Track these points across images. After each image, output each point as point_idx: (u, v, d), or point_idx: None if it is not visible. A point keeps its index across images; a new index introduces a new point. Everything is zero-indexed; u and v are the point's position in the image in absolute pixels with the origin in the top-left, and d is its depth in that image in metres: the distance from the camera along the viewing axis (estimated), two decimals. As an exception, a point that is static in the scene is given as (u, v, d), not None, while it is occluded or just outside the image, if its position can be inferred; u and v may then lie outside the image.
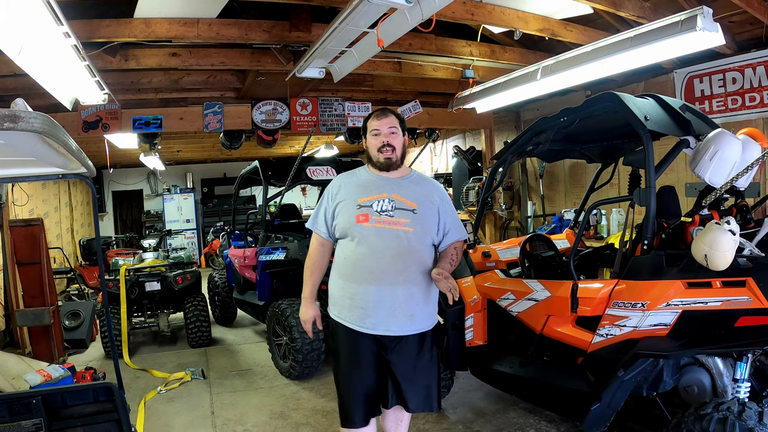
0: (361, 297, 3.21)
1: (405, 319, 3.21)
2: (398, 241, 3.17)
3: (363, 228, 3.20)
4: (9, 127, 1.64)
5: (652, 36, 4.74)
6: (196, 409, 5.33)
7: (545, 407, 4.31)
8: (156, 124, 8.03)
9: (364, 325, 3.21)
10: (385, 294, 3.18)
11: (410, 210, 3.22)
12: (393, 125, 3.29)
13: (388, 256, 3.17)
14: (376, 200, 3.24)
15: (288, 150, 15.56)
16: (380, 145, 3.26)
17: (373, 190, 3.27)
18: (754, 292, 2.97)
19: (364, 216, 3.21)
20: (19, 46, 3.93)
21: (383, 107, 3.45)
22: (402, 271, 3.18)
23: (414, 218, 3.21)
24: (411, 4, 4.15)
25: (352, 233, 3.23)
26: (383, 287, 3.18)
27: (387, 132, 3.27)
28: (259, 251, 6.99)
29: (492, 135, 10.41)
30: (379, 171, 3.34)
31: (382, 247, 3.17)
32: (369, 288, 3.19)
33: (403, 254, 3.18)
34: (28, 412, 2.90)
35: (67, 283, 12.11)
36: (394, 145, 3.27)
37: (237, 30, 5.66)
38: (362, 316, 3.21)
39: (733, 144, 3.66)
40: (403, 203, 3.23)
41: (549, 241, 4.95)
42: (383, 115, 3.31)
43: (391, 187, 3.28)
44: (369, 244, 3.19)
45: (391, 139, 3.26)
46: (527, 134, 4.27)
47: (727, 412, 2.82)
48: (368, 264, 3.19)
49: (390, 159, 3.27)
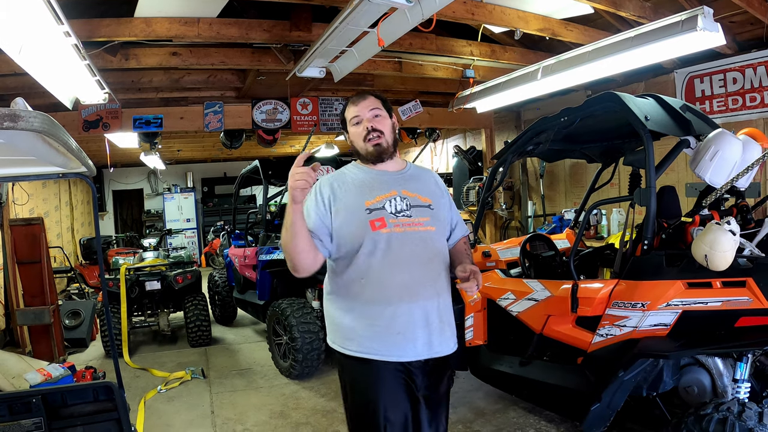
0: (399, 319, 2.56)
1: (449, 333, 2.73)
2: (424, 245, 2.65)
3: (382, 235, 2.58)
4: (9, 126, 1.64)
5: (653, 36, 4.73)
6: (196, 408, 5.33)
7: (545, 407, 4.31)
8: (156, 124, 8.03)
9: (405, 354, 2.58)
10: (427, 309, 2.62)
11: (426, 206, 2.71)
12: (375, 107, 2.73)
13: (419, 264, 2.62)
14: (386, 200, 2.65)
15: (288, 149, 15.56)
16: (365, 133, 2.70)
17: (379, 189, 2.68)
18: (754, 292, 2.97)
19: (380, 221, 2.60)
20: (19, 45, 3.92)
21: (360, 92, 2.85)
22: (437, 279, 2.69)
23: (432, 215, 2.71)
24: (411, 4, 4.14)
25: (367, 245, 2.58)
26: (422, 303, 2.61)
27: (370, 116, 2.71)
28: (259, 251, 7.00)
29: (492, 135, 10.41)
30: (373, 165, 2.76)
31: (409, 254, 2.61)
32: (406, 307, 2.57)
33: (433, 259, 2.68)
34: (28, 411, 2.90)
35: (67, 282, 12.11)
36: (381, 129, 2.71)
37: (237, 29, 5.66)
38: (400, 341, 2.56)
39: (733, 144, 3.66)
40: (416, 199, 2.70)
41: (549, 241, 4.95)
42: (361, 99, 2.76)
43: (398, 183, 2.73)
44: (394, 254, 2.58)
45: (376, 123, 2.70)
46: (528, 134, 4.27)
47: (727, 413, 2.82)
48: (399, 278, 2.58)
49: (380, 146, 2.70)
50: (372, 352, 2.57)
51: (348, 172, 2.82)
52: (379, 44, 4.89)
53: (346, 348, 2.65)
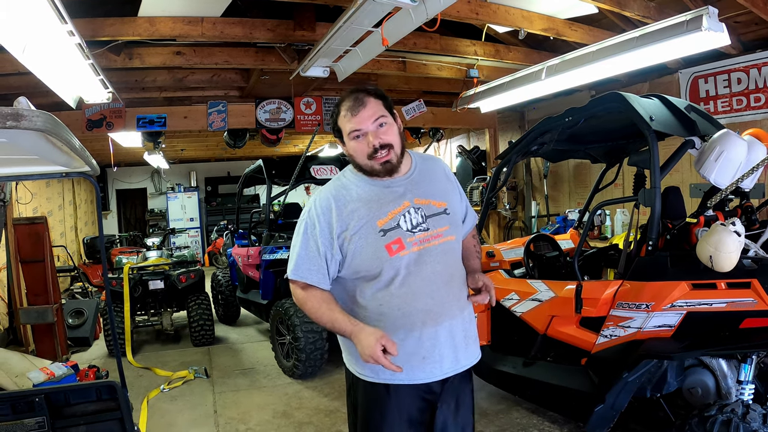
0: (424, 344, 2.35)
1: (474, 344, 2.52)
2: (445, 259, 2.39)
3: (401, 260, 2.30)
4: (12, 126, 1.64)
5: (657, 36, 4.72)
6: (198, 407, 5.33)
7: (549, 408, 4.30)
8: (160, 123, 8.04)
9: (432, 375, 2.37)
10: (452, 330, 2.40)
11: (442, 212, 2.42)
12: (378, 114, 2.32)
13: (440, 284, 2.38)
14: (400, 215, 2.33)
15: (292, 149, 15.55)
16: (371, 152, 2.30)
17: (390, 203, 2.35)
18: (759, 293, 2.96)
19: (397, 242, 2.29)
20: (23, 45, 3.93)
21: (354, 93, 2.40)
22: (460, 295, 2.47)
23: (450, 221, 2.43)
24: (416, 4, 4.13)
25: (386, 272, 2.31)
26: (447, 322, 2.39)
27: (373, 129, 2.30)
28: (262, 250, 6.99)
29: (496, 135, 10.40)
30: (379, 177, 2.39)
31: (430, 274, 2.34)
32: (431, 330, 2.35)
33: (455, 274, 2.45)
34: (31, 410, 2.90)
35: (70, 282, 12.15)
36: (389, 143, 2.31)
37: (241, 29, 5.66)
38: (426, 365, 2.36)
39: (738, 145, 3.65)
40: (431, 206, 2.40)
41: (553, 242, 4.93)
42: (359, 106, 2.32)
43: (408, 191, 2.40)
44: (414, 278, 2.32)
45: (383, 136, 2.30)
46: (532, 134, 4.26)
47: (731, 414, 2.81)
48: (422, 303, 2.34)
49: (390, 162, 2.32)
50: (395, 378, 2.33)
51: (351, 185, 2.44)
52: (383, 44, 4.88)
53: (364, 374, 2.40)
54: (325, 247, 2.32)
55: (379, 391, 2.37)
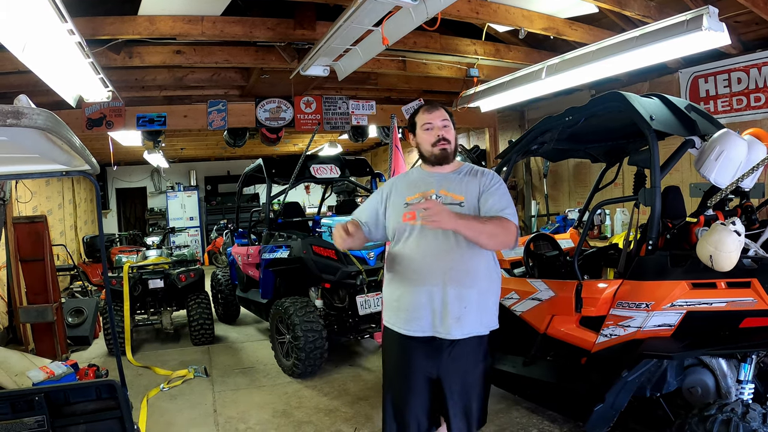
0: (407, 299, 3.05)
1: (452, 321, 2.97)
2: (445, 239, 2.98)
3: (409, 227, 3.06)
4: (12, 124, 1.64)
5: (658, 35, 4.72)
6: (198, 406, 5.33)
7: (548, 407, 4.30)
8: (160, 122, 8.04)
9: (411, 328, 3.04)
10: (432, 295, 2.98)
11: (457, 204, 3.01)
12: (445, 118, 3.17)
13: (430, 255, 3.00)
14: (423, 197, 3.07)
15: (292, 148, 15.57)
16: (435, 140, 3.11)
17: (421, 187, 3.13)
18: (758, 293, 2.96)
19: (411, 214, 3.03)
20: (23, 43, 3.93)
21: (430, 102, 3.36)
22: (444, 271, 2.97)
23: (462, 212, 2.96)
24: (416, 3, 4.14)
25: (400, 233, 3.10)
26: (429, 287, 2.99)
27: (440, 125, 3.14)
28: (262, 249, 6.99)
29: (496, 134, 10.40)
30: (431, 167, 3.18)
31: (428, 245, 3.00)
32: (414, 289, 3.03)
33: (450, 252, 2.98)
34: (30, 409, 2.90)
35: (70, 280, 12.16)
36: (449, 138, 3.13)
37: (241, 28, 5.66)
38: (408, 319, 3.05)
39: (738, 144, 3.65)
40: (450, 198, 3.04)
41: (553, 241, 4.93)
42: (434, 109, 3.19)
43: (440, 183, 3.11)
44: (416, 244, 3.04)
45: (445, 132, 3.13)
46: (532, 133, 4.26)
47: (730, 414, 2.81)
48: (414, 265, 3.04)
49: (446, 150, 3.11)
50: (390, 322, 3.16)
51: (410, 172, 3.39)
52: (383, 43, 4.89)
53: (384, 316, 3.24)
54: (378, 204, 3.25)
55: (389, 332, 3.18)
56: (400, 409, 3.14)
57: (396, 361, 3.18)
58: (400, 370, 3.14)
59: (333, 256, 6.15)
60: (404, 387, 3.11)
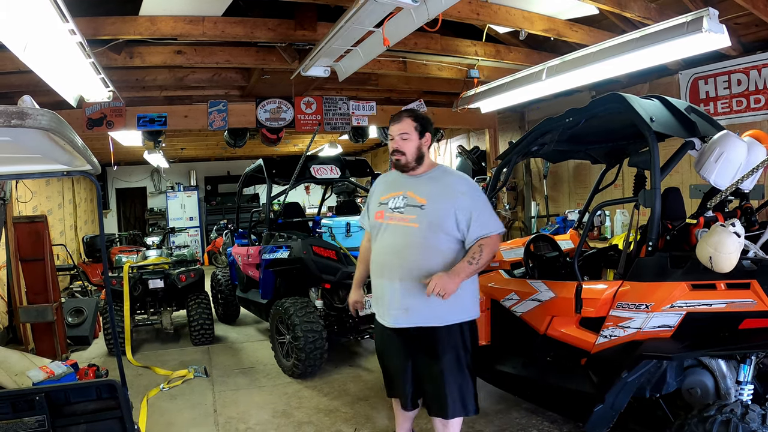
0: (373, 289, 3.58)
1: (398, 312, 3.39)
2: (402, 238, 3.36)
3: (379, 224, 3.51)
4: (17, 124, 1.65)
5: (658, 37, 4.73)
6: (198, 406, 5.33)
7: (548, 408, 4.31)
8: (160, 122, 8.04)
9: (377, 312, 3.59)
10: (385, 287, 3.45)
11: (418, 206, 3.34)
12: (404, 131, 3.42)
13: (391, 252, 3.41)
14: (392, 198, 3.48)
15: (292, 148, 15.57)
16: (391, 151, 3.47)
17: (394, 188, 3.52)
18: (758, 294, 2.96)
19: (380, 213, 3.51)
20: (24, 43, 3.94)
21: (400, 112, 3.58)
22: (399, 266, 3.36)
23: (420, 213, 3.32)
24: (417, 4, 4.14)
25: (373, 230, 3.58)
26: (384, 281, 3.45)
27: (398, 138, 3.43)
28: (262, 249, 7.00)
29: (496, 135, 10.41)
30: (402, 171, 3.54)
31: (389, 242, 3.42)
32: (376, 281, 3.53)
33: (404, 249, 3.35)
34: (31, 408, 2.90)
35: (70, 280, 12.16)
36: (403, 150, 3.42)
37: (242, 28, 5.67)
38: (374, 305, 3.61)
39: (738, 146, 3.65)
40: (413, 199, 3.37)
41: (553, 242, 4.94)
42: (396, 121, 3.47)
43: (408, 185, 3.46)
44: (381, 240, 3.48)
45: (400, 145, 3.43)
46: (532, 134, 4.26)
47: (730, 415, 2.82)
48: (377, 258, 3.51)
49: (399, 161, 3.46)
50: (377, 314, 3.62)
51: (390, 174, 3.71)
52: (384, 44, 4.89)
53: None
54: (368, 207, 3.73)
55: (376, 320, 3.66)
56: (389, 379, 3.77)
57: (377, 334, 3.76)
58: (379, 349, 3.78)
59: (333, 257, 6.16)
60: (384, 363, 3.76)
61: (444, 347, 3.38)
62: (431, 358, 3.41)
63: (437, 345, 3.39)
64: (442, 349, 3.38)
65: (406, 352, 3.53)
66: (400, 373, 3.60)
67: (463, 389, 3.41)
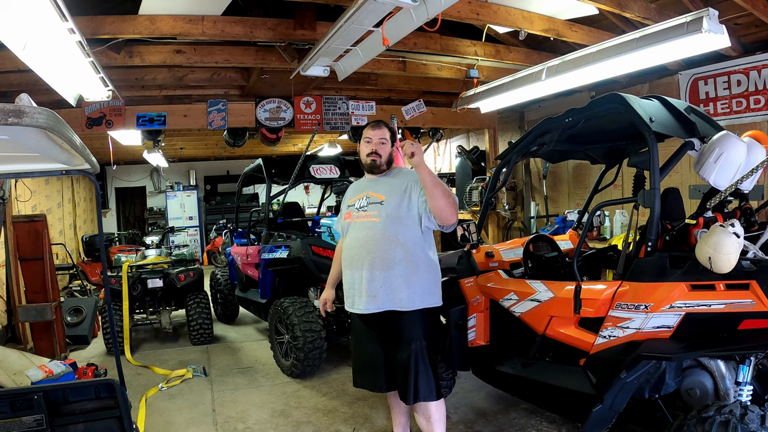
0: (344, 280, 3.90)
1: (368, 299, 3.70)
2: (366, 231, 3.73)
3: (347, 224, 3.91)
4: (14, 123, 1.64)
5: (658, 37, 4.73)
6: (197, 406, 5.33)
7: (547, 408, 4.30)
8: (160, 121, 8.03)
9: (348, 303, 3.88)
10: (354, 278, 3.77)
11: (378, 202, 3.74)
12: (383, 137, 3.84)
13: (358, 245, 3.76)
14: (358, 199, 3.87)
15: (291, 148, 15.57)
16: (369, 151, 3.82)
17: (359, 192, 3.92)
18: (757, 295, 2.96)
19: (348, 214, 3.92)
20: (23, 42, 3.93)
21: (378, 120, 4.02)
22: (365, 257, 3.70)
23: (380, 209, 3.71)
24: (417, 4, 4.14)
25: (343, 230, 3.97)
26: (353, 272, 3.78)
27: (377, 141, 3.82)
28: (261, 249, 7.00)
29: (496, 135, 10.41)
30: (369, 174, 3.93)
31: (355, 237, 3.80)
32: (346, 272, 3.86)
33: (369, 242, 3.70)
34: (29, 407, 2.89)
35: (69, 280, 12.14)
36: (380, 153, 3.83)
37: (242, 27, 5.66)
38: (346, 296, 3.89)
39: (737, 146, 3.65)
40: (374, 197, 3.78)
41: (552, 242, 4.93)
42: (377, 127, 3.87)
43: (371, 186, 3.86)
44: (349, 236, 3.86)
45: (379, 148, 3.82)
46: (532, 134, 4.25)
47: (729, 415, 2.81)
48: (347, 253, 3.85)
49: (375, 161, 3.82)
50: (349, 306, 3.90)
51: (359, 180, 4.10)
52: (384, 43, 4.88)
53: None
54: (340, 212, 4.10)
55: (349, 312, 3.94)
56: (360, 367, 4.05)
57: (352, 333, 4.12)
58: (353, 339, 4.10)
59: (332, 257, 6.15)
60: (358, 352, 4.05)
61: (411, 333, 3.68)
62: (398, 343, 3.71)
63: (402, 331, 3.70)
64: (409, 336, 3.67)
65: (377, 338, 3.84)
66: (374, 358, 3.88)
67: (421, 375, 3.66)
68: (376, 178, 3.89)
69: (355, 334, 4.06)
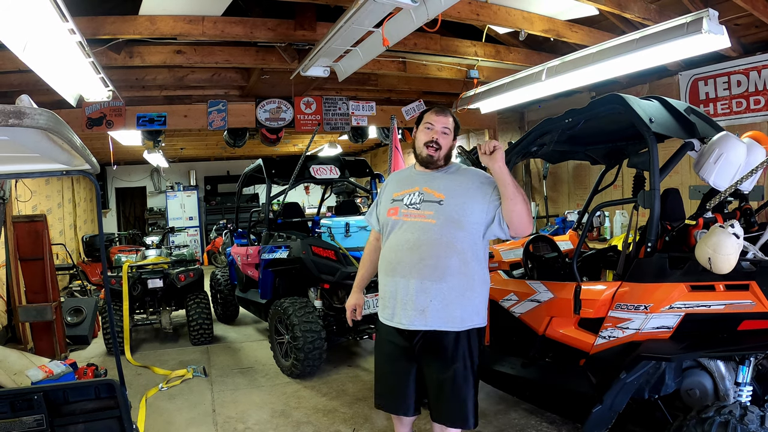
0: (383, 288, 3.30)
1: (414, 313, 3.13)
2: (419, 234, 3.14)
3: (391, 221, 3.27)
4: (14, 124, 1.64)
5: (658, 38, 4.73)
6: (197, 406, 5.33)
7: (547, 409, 4.31)
8: (160, 122, 8.04)
9: (384, 315, 3.31)
10: (399, 286, 3.18)
11: (436, 201, 3.17)
12: (447, 126, 3.31)
13: (406, 249, 3.15)
14: (407, 194, 3.28)
15: (292, 148, 15.57)
16: (428, 140, 3.27)
17: (408, 185, 3.32)
18: (757, 295, 2.96)
19: (394, 210, 3.28)
20: (24, 43, 3.93)
21: (443, 107, 3.45)
22: (416, 264, 3.12)
23: (438, 209, 3.14)
24: (417, 4, 4.14)
25: (385, 227, 3.35)
26: (397, 279, 3.18)
27: (440, 129, 3.28)
28: (261, 249, 6.99)
29: (496, 135, 10.41)
30: (421, 167, 3.37)
31: (402, 239, 3.18)
32: (388, 279, 3.25)
33: (421, 246, 3.12)
34: (29, 408, 2.89)
35: (69, 280, 12.14)
36: (441, 144, 3.28)
37: (242, 28, 5.67)
38: (383, 306, 3.31)
39: (737, 147, 3.65)
40: (431, 195, 3.20)
41: (552, 243, 4.94)
42: (441, 113, 3.34)
43: (424, 181, 3.28)
44: (394, 237, 3.24)
45: (440, 138, 3.27)
46: (532, 135, 4.26)
47: (728, 416, 2.81)
48: (389, 256, 3.25)
49: (432, 157, 3.27)
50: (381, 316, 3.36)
51: (405, 170, 3.60)
52: (384, 44, 4.89)
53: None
54: (378, 205, 3.51)
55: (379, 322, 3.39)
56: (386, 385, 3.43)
57: (379, 337, 3.47)
58: (383, 352, 3.42)
59: (332, 257, 6.16)
60: (385, 368, 3.43)
61: (455, 354, 3.16)
62: (441, 364, 3.18)
63: (448, 351, 3.16)
64: (453, 356, 3.16)
65: (413, 356, 3.24)
66: (404, 377, 3.31)
67: (467, 401, 3.21)
68: (430, 172, 3.32)
69: (382, 348, 3.44)
